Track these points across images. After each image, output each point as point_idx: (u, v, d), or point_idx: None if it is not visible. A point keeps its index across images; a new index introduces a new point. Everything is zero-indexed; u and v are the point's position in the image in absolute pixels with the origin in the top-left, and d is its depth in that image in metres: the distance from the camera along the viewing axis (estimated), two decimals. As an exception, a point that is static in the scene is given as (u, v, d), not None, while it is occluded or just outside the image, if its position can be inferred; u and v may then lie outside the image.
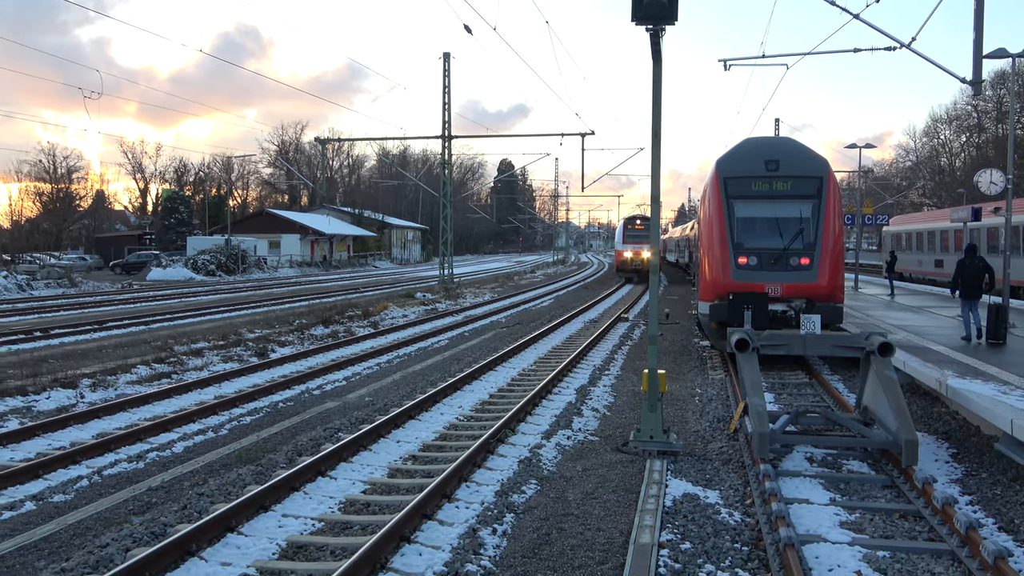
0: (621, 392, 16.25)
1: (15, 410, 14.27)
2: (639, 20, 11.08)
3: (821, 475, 10.48)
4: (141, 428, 12.62)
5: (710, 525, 8.57)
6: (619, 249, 59.00)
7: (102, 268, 78.51)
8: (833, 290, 17.91)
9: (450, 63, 49.55)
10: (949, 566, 7.63)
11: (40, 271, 57.70)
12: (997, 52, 18.14)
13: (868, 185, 71.61)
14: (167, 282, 58.88)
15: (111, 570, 7.01)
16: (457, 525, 8.51)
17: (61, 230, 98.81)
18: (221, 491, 9.59)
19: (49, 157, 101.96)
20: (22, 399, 15.05)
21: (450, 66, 49.57)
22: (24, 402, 14.86)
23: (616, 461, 11.05)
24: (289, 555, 7.89)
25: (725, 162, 19.13)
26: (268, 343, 22.83)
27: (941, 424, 12.99)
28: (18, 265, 64.35)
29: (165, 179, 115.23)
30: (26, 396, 15.26)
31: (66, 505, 9.43)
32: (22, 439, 12.25)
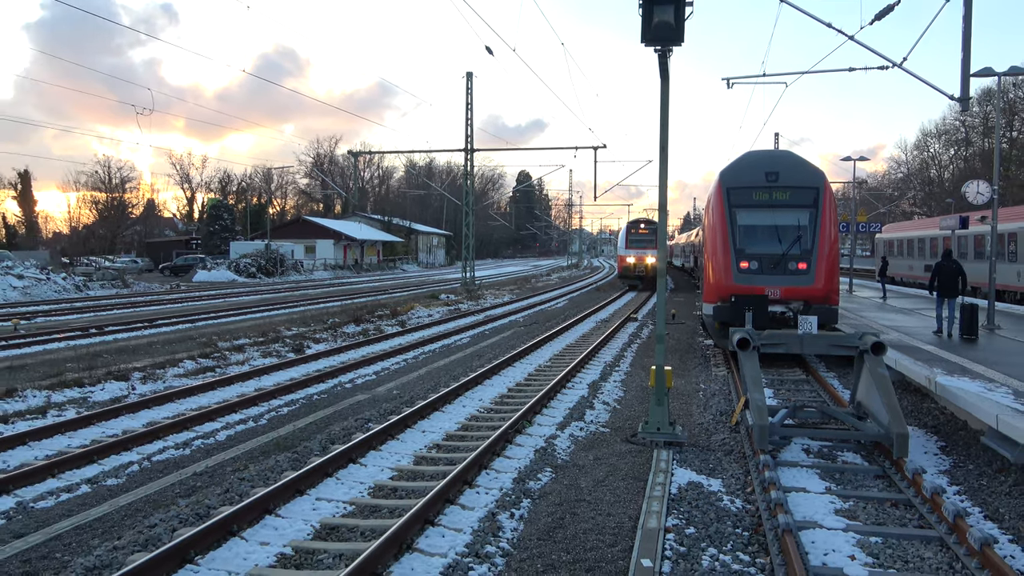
0: (630, 387, 16.20)
1: (72, 400, 14.40)
2: (648, 42, 11.07)
3: (817, 465, 10.41)
4: (187, 418, 12.70)
5: (713, 511, 8.53)
6: (622, 254, 51.96)
7: (152, 270, 79.07)
8: (829, 293, 17.84)
9: (473, 82, 49.68)
10: (937, 552, 7.56)
11: (96, 273, 58.21)
12: (984, 71, 17.99)
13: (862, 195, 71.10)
14: (212, 283, 59.24)
15: (159, 548, 7.06)
16: (478, 509, 8.51)
17: (115, 235, 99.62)
18: (260, 476, 9.64)
19: (105, 168, 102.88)
20: (79, 390, 15.19)
21: (473, 85, 49.68)
22: (81, 393, 15.00)
23: (625, 451, 11.02)
24: (322, 536, 7.92)
25: (728, 173, 19.14)
26: (304, 340, 22.92)
27: (930, 419, 12.87)
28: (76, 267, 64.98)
29: (210, 189, 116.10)
30: (83, 387, 15.39)
31: (118, 488, 9.50)
32: (79, 427, 12.36)
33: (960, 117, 79.41)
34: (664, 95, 11.88)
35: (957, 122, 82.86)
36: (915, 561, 7.33)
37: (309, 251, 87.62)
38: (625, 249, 50.83)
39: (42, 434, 11.72)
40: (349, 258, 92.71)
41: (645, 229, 50.49)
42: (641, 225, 51.71)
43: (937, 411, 13.16)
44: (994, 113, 74.80)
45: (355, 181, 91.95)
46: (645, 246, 49.07)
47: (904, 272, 45.20)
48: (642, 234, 50.41)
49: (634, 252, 49.98)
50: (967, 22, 17.36)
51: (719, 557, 7.34)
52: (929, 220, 48.74)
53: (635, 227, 51.80)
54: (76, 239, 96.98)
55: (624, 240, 51.64)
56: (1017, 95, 71.00)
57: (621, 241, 52.58)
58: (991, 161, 24.58)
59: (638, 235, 50.70)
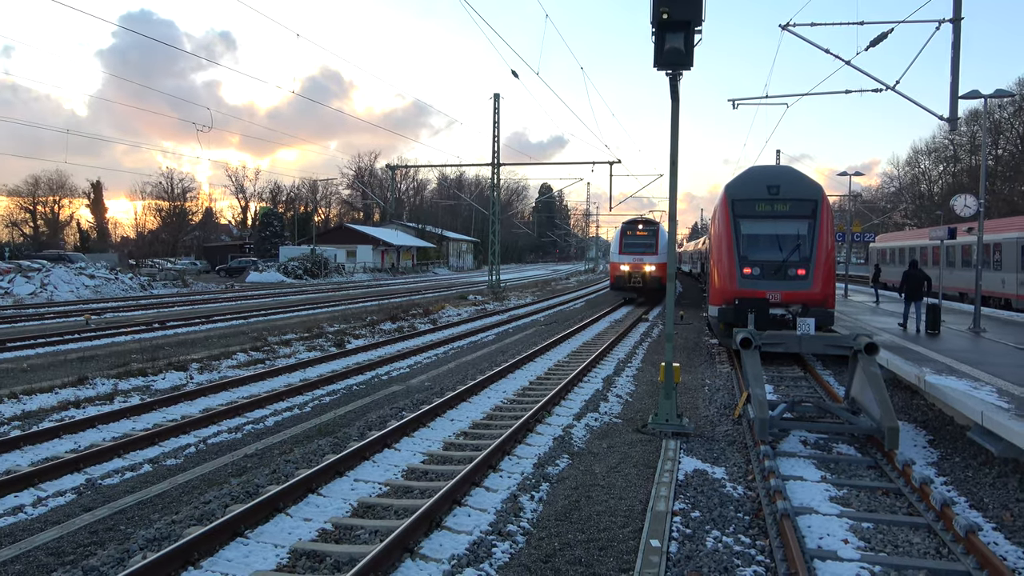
0: (641, 382, 16.11)
1: (137, 388, 14.56)
2: (660, 66, 11.04)
3: (814, 456, 10.29)
4: (239, 405, 12.80)
5: (717, 497, 8.46)
6: (615, 261, 38.89)
7: (209, 272, 79.84)
8: (826, 297, 17.72)
9: (499, 102, 49.63)
10: (925, 537, 7.45)
11: (159, 274, 58.92)
12: (971, 93, 17.72)
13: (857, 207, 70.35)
14: (262, 284, 59.71)
15: (213, 522, 7.12)
16: (501, 492, 8.50)
17: (176, 240, 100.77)
18: (304, 459, 9.69)
19: (168, 180, 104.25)
20: (143, 379, 15.36)
21: (499, 105, 49.65)
22: (144, 382, 15.17)
23: (636, 440, 10.96)
24: (360, 513, 7.95)
25: (733, 186, 19.09)
26: (345, 335, 23.03)
27: (920, 414, 12.68)
28: (141, 269, 65.79)
29: (262, 198, 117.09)
30: (146, 376, 15.57)
31: (177, 467, 9.59)
32: (142, 412, 12.50)
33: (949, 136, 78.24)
34: (674, 115, 11.82)
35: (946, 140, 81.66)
36: (904, 546, 7.23)
37: (350, 255, 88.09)
38: (619, 255, 38.72)
39: (109, 418, 11.87)
40: (386, 262, 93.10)
41: (643, 231, 39.08)
42: (639, 226, 39.69)
43: (926, 407, 12.97)
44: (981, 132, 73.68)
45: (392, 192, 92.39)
46: (643, 251, 38.09)
47: (896, 279, 44.57)
48: (640, 236, 38.90)
49: (630, 258, 38.35)
50: (955, 49, 17.15)
51: (722, 539, 7.27)
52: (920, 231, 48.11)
53: (631, 228, 39.82)
54: (142, 243, 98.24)
55: (618, 244, 39.30)
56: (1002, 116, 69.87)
57: (614, 245, 39.93)
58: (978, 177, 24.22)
59: (635, 237, 39.07)
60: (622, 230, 39.80)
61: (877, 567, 6.69)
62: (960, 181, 73.97)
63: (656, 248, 37.94)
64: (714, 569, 6.60)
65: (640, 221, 40.27)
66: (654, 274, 37.43)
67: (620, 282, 38.40)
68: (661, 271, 36.70)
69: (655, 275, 37.34)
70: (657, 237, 38.47)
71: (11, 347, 19.85)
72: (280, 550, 6.89)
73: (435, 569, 6.47)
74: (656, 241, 38.21)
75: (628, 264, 38.06)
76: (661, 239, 38.20)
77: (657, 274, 37.23)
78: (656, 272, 37.31)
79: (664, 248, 36.32)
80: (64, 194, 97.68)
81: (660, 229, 39.15)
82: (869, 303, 29.29)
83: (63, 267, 47.06)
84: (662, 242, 37.93)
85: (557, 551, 6.92)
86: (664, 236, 37.74)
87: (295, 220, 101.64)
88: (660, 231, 38.99)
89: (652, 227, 39.38)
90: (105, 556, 6.66)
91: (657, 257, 37.54)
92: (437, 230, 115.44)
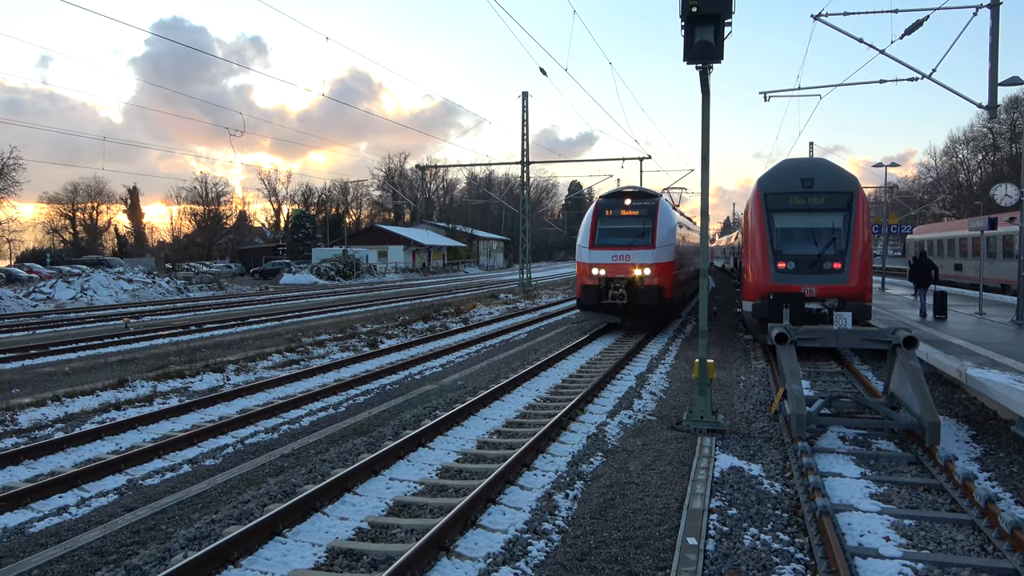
0: (675, 379, 16.00)
1: (175, 390, 14.79)
2: (690, 60, 10.96)
3: (852, 452, 10.14)
4: (275, 405, 12.94)
5: (754, 494, 8.37)
6: (584, 262, 23.45)
7: (243, 274, 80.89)
8: (862, 291, 17.47)
9: (528, 101, 49.61)
10: (969, 534, 7.30)
11: (195, 277, 59.82)
12: (1011, 80, 17.33)
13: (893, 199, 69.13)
14: (296, 285, 60.37)
15: (251, 521, 7.21)
16: (535, 490, 8.49)
17: (211, 243, 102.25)
18: (340, 458, 9.77)
19: (202, 184, 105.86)
20: (181, 381, 15.60)
21: (528, 103, 49.62)
22: (182, 383, 15.40)
23: (671, 438, 10.88)
24: (395, 512, 7.99)
25: (766, 180, 18.92)
26: (378, 335, 23.19)
27: (961, 409, 12.44)
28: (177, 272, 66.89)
29: (294, 201, 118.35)
30: (184, 378, 15.81)
31: (215, 467, 9.73)
32: (181, 413, 12.69)
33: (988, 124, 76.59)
34: (705, 109, 11.71)
35: (985, 129, 79.97)
36: (947, 543, 7.09)
37: (382, 256, 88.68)
38: (591, 249, 23.26)
39: (149, 420, 12.07)
40: (417, 262, 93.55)
41: (632, 208, 23.69)
42: (625, 201, 24.00)
43: (968, 402, 12.72)
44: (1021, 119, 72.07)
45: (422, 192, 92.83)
46: (631, 242, 22.90)
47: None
48: (625, 218, 23.61)
49: (608, 255, 22.87)
50: (994, 34, 16.81)
51: (760, 537, 7.20)
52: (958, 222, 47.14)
53: (612, 205, 24.07)
54: (177, 247, 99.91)
55: (589, 231, 23.64)
56: (1043, 102, 68.26)
57: (584, 234, 23.87)
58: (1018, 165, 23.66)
59: (617, 220, 23.67)
60: (597, 208, 23.91)
61: (920, 565, 6.57)
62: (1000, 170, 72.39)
63: (653, 238, 22.59)
64: (752, 567, 6.53)
65: (626, 194, 24.53)
66: (649, 282, 22.19)
67: (591, 296, 22.74)
68: (661, 276, 22.25)
69: (651, 284, 22.15)
70: (655, 220, 22.95)
71: (53, 351, 20.30)
72: (318, 549, 6.96)
73: (471, 567, 6.48)
74: (653, 226, 22.81)
75: (604, 266, 22.69)
76: (662, 223, 22.95)
77: (655, 282, 22.16)
78: (653, 278, 22.20)
79: (666, 240, 22.66)
80: (102, 200, 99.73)
81: (661, 207, 23.53)
82: (907, 296, 28.78)
83: (102, 272, 48.00)
84: (664, 228, 22.87)
85: (593, 549, 6.90)
86: (667, 217, 23.38)
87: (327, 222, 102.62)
88: (661, 211, 23.32)
89: (647, 203, 23.57)
90: (147, 555, 6.77)
91: (655, 253, 22.41)
92: (467, 229, 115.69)
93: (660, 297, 21.88)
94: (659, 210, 23.00)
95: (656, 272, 22.04)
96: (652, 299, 21.80)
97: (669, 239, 22.65)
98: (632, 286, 22.11)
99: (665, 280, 22.19)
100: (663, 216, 22.96)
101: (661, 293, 21.87)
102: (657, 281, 21.99)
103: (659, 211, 22.96)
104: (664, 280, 22.14)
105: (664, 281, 22.11)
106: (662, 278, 22.11)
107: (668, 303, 22.62)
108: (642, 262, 22.13)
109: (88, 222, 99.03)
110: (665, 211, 23.35)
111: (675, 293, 23.88)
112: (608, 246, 22.62)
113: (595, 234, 22.93)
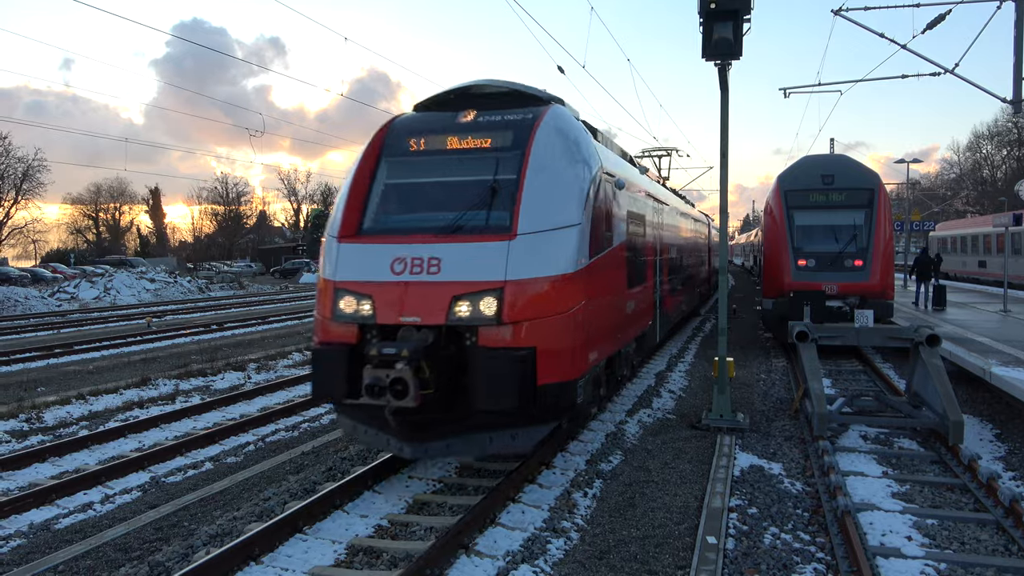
0: (694, 377, 15.93)
1: (197, 388, 14.94)
2: (709, 56, 10.90)
3: (874, 451, 10.05)
4: (296, 403, 13.03)
5: (774, 493, 8.32)
6: (329, 279, 8.27)
7: (264, 273, 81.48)
8: (884, 288, 17.35)
9: (546, 98, 49.10)
10: (993, 534, 7.22)
11: (216, 276, 60.36)
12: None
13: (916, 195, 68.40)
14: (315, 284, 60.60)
15: (272, 519, 7.27)
16: (554, 488, 8.48)
17: (232, 243, 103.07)
18: (359, 456, 9.81)
19: (223, 184, 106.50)
20: (203, 379, 15.75)
21: (546, 101, 49.15)
22: (204, 382, 15.55)
23: (690, 436, 10.84)
24: (415, 510, 8.01)
25: (786, 177, 18.86)
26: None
27: (985, 407, 12.30)
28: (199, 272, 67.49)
29: (313, 200, 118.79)
30: (206, 377, 15.96)
31: (237, 465, 9.82)
32: (203, 412, 12.81)
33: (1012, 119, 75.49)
34: (724, 105, 11.65)
35: (1009, 124, 78.78)
36: (971, 543, 7.01)
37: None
38: (349, 242, 8.58)
39: (172, 418, 12.21)
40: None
41: (472, 134, 8.88)
42: (461, 119, 9.14)
43: (992, 400, 12.57)
44: (1047, 114, 70.90)
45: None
46: (452, 223, 8.30)
47: (958, 268, 43.28)
48: (450, 160, 8.91)
49: (381, 261, 8.02)
50: (1019, 27, 16.58)
51: (780, 536, 7.16)
52: (982, 218, 46.57)
53: (422, 130, 9.24)
54: (199, 247, 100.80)
55: (347, 200, 8.84)
56: (1070, 96, 67.20)
57: (339, 209, 8.90)
58: (1044, 160, 23.35)
59: (429, 163, 9.05)
60: (384, 139, 9.54)
61: (943, 564, 6.51)
62: (1025, 165, 71.37)
63: (515, 212, 8.10)
64: (773, 566, 6.49)
65: (466, 95, 9.69)
66: (493, 339, 7.59)
67: (331, 374, 7.72)
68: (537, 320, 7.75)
69: (498, 342, 7.57)
70: (524, 162, 8.41)
71: (78, 349, 20.57)
72: (338, 546, 7.00)
73: (490, 565, 6.50)
74: (519, 181, 8.30)
75: (369, 289, 7.98)
76: (551, 174, 8.41)
77: (507, 337, 7.61)
78: (502, 329, 7.61)
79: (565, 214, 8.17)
80: (124, 201, 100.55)
81: (548, 130, 8.77)
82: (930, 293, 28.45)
83: (125, 272, 48.58)
84: (559, 184, 8.42)
85: (612, 548, 6.89)
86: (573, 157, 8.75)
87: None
88: (545, 138, 8.66)
89: (510, 117, 9.03)
90: (170, 552, 6.85)
91: (521, 251, 7.84)
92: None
93: (524, 382, 7.54)
94: (541, 136, 8.79)
95: (516, 306, 7.78)
96: (503, 388, 7.42)
97: (577, 213, 8.42)
98: (434, 353, 7.54)
99: (554, 332, 7.96)
100: (555, 152, 8.79)
101: (527, 370, 7.58)
102: (520, 337, 7.73)
103: (540, 139, 8.75)
104: (549, 332, 7.92)
105: (549, 335, 7.90)
106: (540, 328, 7.86)
107: (560, 395, 7.96)
108: (477, 279, 7.81)
109: (111, 222, 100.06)
110: (567, 142, 9.02)
111: (596, 356, 9.22)
112: (394, 234, 8.61)
113: (364, 207, 9.08)
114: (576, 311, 8.16)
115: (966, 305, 22.96)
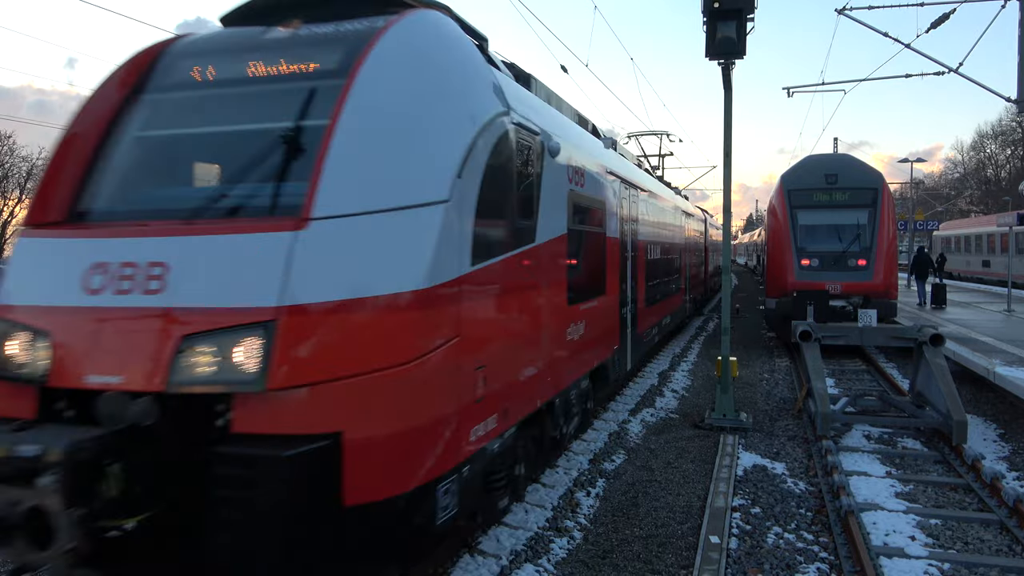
0: (697, 376, 15.94)
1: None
2: (712, 56, 10.91)
3: (877, 451, 10.05)
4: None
5: (777, 493, 8.33)
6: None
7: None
8: (888, 287, 17.39)
9: (549, 97, 49.19)
10: (997, 534, 7.22)
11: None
12: (1041, 73, 17.06)
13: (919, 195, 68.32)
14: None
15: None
16: (558, 488, 8.50)
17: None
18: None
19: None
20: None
21: (549, 100, 49.25)
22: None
23: (693, 436, 10.84)
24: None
25: (789, 176, 18.90)
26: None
27: (989, 407, 12.29)
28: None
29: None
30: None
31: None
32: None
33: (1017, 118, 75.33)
34: (727, 105, 11.66)
35: (1014, 123, 78.64)
36: (975, 543, 7.01)
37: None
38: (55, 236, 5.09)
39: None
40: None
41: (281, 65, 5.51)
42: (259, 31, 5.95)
43: (996, 400, 12.56)
44: (1051, 113, 70.76)
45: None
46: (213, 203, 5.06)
47: (962, 268, 43.26)
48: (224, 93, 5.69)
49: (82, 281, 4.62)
50: (1023, 27, 16.55)
51: (783, 535, 7.16)
52: (986, 218, 46.52)
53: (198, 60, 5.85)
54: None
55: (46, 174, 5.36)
56: (1075, 95, 67.08)
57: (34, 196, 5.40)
58: (1049, 160, 23.36)
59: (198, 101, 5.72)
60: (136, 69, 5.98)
61: (946, 564, 6.50)
62: (1029, 165, 71.25)
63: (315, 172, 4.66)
64: (776, 566, 6.50)
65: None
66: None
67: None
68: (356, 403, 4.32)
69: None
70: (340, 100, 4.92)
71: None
72: (341, 545, 7.00)
73: (493, 564, 6.51)
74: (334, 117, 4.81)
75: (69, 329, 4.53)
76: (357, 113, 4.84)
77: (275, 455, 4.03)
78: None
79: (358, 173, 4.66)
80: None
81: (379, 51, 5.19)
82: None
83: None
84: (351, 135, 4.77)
85: (615, 547, 6.90)
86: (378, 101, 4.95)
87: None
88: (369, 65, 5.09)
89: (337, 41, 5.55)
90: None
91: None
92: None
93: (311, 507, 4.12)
94: (380, 56, 5.20)
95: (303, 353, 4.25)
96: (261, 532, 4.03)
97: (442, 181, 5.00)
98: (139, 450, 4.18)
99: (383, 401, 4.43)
100: (403, 82, 5.25)
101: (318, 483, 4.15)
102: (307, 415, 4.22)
103: (376, 60, 5.16)
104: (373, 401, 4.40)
105: (373, 407, 4.39)
106: (352, 394, 4.31)
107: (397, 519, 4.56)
108: (229, 304, 4.31)
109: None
110: (430, 66, 5.57)
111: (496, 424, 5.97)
112: (106, 222, 5.11)
113: (86, 174, 5.51)
114: (436, 357, 4.75)
115: (970, 305, 22.96)
